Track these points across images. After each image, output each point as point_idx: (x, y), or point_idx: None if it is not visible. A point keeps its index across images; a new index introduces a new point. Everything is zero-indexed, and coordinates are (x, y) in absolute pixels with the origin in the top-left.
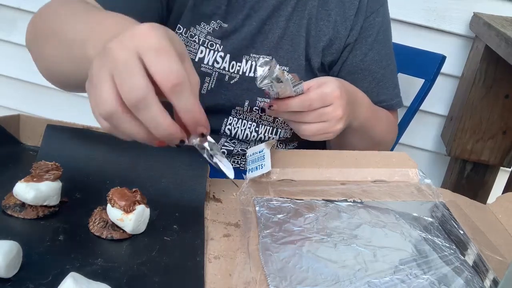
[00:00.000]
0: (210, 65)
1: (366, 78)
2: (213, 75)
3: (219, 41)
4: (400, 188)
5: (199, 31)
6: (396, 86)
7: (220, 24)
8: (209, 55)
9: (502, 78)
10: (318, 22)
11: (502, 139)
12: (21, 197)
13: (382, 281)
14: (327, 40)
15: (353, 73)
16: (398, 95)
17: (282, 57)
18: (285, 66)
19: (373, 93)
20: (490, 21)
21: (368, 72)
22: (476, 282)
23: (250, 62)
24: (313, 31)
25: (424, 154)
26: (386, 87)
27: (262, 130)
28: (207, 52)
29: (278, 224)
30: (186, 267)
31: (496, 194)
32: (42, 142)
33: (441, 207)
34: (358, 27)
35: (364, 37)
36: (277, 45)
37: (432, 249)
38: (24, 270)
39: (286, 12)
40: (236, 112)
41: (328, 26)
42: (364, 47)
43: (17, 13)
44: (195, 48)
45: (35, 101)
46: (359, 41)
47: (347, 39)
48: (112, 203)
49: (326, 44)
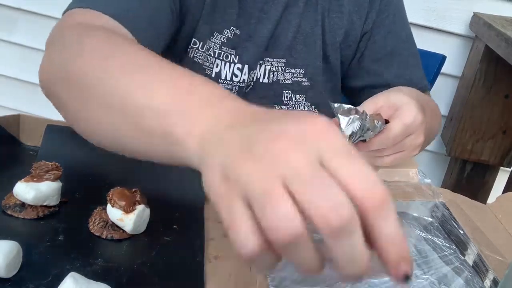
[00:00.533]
0: (229, 79)
1: (393, 62)
2: (233, 90)
3: (233, 51)
4: (400, 188)
5: (213, 43)
6: (421, 68)
7: (234, 31)
8: (225, 68)
9: (502, 78)
10: (331, 15)
11: (502, 139)
12: (21, 197)
13: (382, 281)
14: (343, 33)
15: (378, 60)
16: (425, 76)
17: (297, 58)
18: (300, 68)
19: (405, 77)
20: (490, 21)
21: (393, 55)
22: (476, 282)
23: (264, 67)
24: (327, 27)
25: (424, 154)
26: (417, 68)
27: None
28: (223, 65)
29: None
30: (186, 267)
31: (496, 194)
32: (42, 142)
33: (441, 207)
34: (374, 13)
35: (381, 20)
36: (290, 46)
37: (432, 249)
38: (24, 270)
39: (298, 9)
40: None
41: (342, 18)
42: (383, 30)
43: (17, 13)
44: (211, 62)
45: (35, 101)
46: (376, 25)
47: (363, 27)
48: (112, 203)
49: (343, 38)
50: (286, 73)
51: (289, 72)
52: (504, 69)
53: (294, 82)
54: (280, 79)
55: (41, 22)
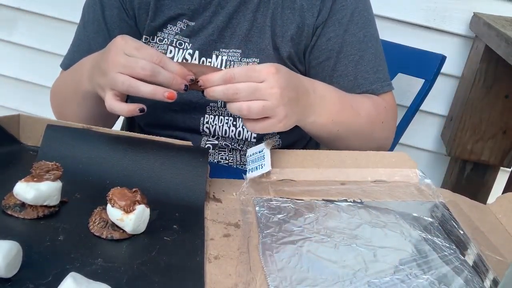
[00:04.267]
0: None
1: (341, 60)
2: None
3: (187, 39)
4: (400, 188)
5: (167, 34)
6: (379, 70)
7: (187, 23)
8: (178, 54)
9: (502, 78)
10: (284, 11)
11: (502, 139)
12: (21, 197)
13: (382, 281)
14: (295, 27)
15: (328, 57)
16: (381, 79)
17: (252, 49)
18: (255, 58)
19: (350, 77)
20: (490, 21)
21: (344, 54)
22: (476, 282)
23: (220, 57)
24: (279, 20)
25: (424, 154)
26: (365, 71)
27: (240, 123)
28: (176, 51)
29: (278, 224)
30: (186, 267)
31: (496, 194)
32: (42, 142)
33: (441, 207)
34: (326, 10)
35: (335, 19)
36: (246, 38)
37: (432, 249)
38: (24, 270)
39: (253, 5)
40: (211, 109)
41: (294, 14)
42: (337, 29)
43: (17, 13)
44: (163, 49)
45: (35, 101)
46: (329, 23)
47: (315, 23)
48: (112, 203)
49: (295, 32)
50: (242, 62)
51: (245, 62)
52: (504, 69)
53: None
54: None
55: (41, 22)
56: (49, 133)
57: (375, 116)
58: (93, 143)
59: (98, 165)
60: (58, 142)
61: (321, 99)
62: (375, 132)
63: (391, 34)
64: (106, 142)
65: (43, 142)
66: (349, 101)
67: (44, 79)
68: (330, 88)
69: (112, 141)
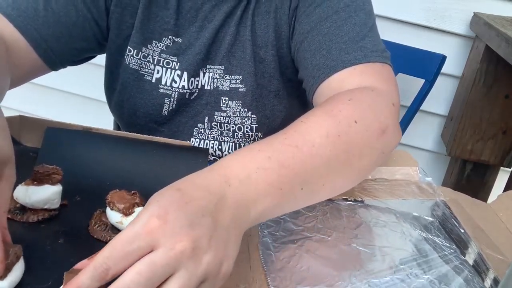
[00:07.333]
0: (169, 85)
1: (314, 37)
2: (173, 95)
3: (175, 58)
4: (401, 186)
5: (151, 50)
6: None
7: (173, 39)
8: (166, 74)
9: (502, 78)
10: (263, 17)
11: (502, 139)
12: (22, 201)
13: (382, 280)
14: (273, 32)
15: (302, 40)
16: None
17: (235, 65)
18: (238, 75)
19: (322, 51)
20: (490, 21)
21: (317, 31)
22: (476, 282)
23: (207, 74)
24: (258, 30)
25: (424, 154)
26: (343, 42)
27: (226, 147)
28: (164, 72)
29: (278, 223)
30: None
31: (496, 194)
32: (42, 145)
33: (442, 205)
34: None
35: (309, 11)
36: (229, 54)
37: (432, 249)
38: (24, 274)
39: (236, 17)
40: (198, 132)
41: (269, 18)
42: (309, 8)
43: None
44: (150, 68)
45: (35, 101)
46: (300, 6)
47: (288, 14)
48: (111, 206)
49: (274, 37)
50: (225, 80)
51: (228, 79)
52: (504, 69)
53: (232, 88)
54: (219, 85)
55: None
56: (49, 135)
57: (342, 126)
58: (93, 145)
59: (98, 166)
60: (58, 145)
61: (242, 183)
62: (355, 141)
63: (391, 34)
64: (105, 143)
65: (43, 145)
66: (287, 144)
67: (44, 79)
68: (251, 154)
69: (112, 142)
